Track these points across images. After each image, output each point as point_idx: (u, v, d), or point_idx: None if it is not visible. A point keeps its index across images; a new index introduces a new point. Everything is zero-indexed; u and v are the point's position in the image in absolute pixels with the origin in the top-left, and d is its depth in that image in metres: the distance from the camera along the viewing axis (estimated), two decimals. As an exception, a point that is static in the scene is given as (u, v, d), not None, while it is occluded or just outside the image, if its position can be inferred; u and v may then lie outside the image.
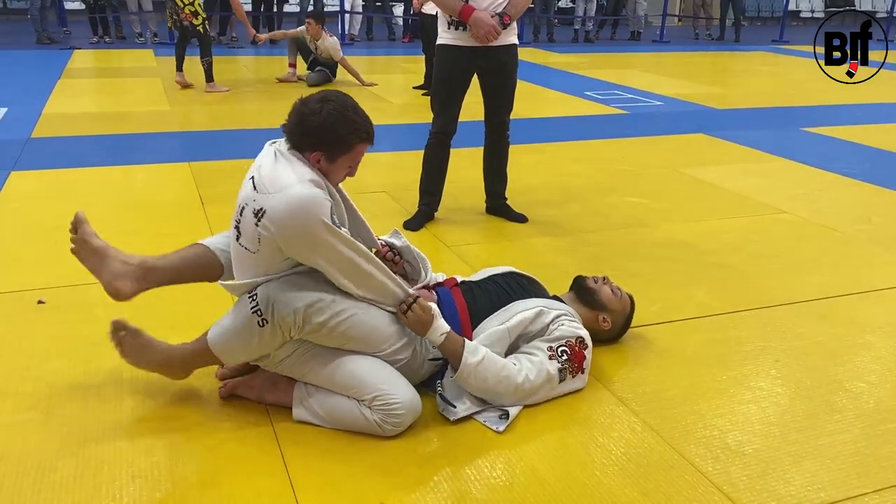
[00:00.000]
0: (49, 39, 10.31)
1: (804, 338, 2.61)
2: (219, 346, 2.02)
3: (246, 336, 1.95)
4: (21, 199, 3.83)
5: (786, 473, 1.89)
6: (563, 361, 2.14)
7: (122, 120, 5.84)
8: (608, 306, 2.41)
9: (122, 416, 2.03)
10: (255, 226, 1.92)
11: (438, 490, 1.79)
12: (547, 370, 2.11)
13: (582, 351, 2.18)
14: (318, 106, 1.97)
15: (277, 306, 1.90)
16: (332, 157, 2.00)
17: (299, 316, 1.91)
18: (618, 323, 2.45)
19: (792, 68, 10.86)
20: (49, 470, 1.81)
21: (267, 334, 1.93)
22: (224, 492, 1.76)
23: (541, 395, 2.12)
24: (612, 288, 2.45)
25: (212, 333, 2.03)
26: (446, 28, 3.42)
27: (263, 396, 2.10)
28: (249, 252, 1.96)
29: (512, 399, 2.08)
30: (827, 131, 6.13)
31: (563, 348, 2.15)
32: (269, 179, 1.94)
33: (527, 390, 2.08)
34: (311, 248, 1.91)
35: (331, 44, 7.56)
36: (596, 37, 13.77)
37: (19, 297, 2.72)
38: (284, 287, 1.93)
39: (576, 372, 2.17)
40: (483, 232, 3.59)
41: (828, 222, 3.83)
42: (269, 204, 1.90)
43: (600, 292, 2.42)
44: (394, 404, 1.93)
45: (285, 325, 1.92)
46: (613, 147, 5.44)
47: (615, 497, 1.78)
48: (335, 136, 1.97)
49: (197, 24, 6.77)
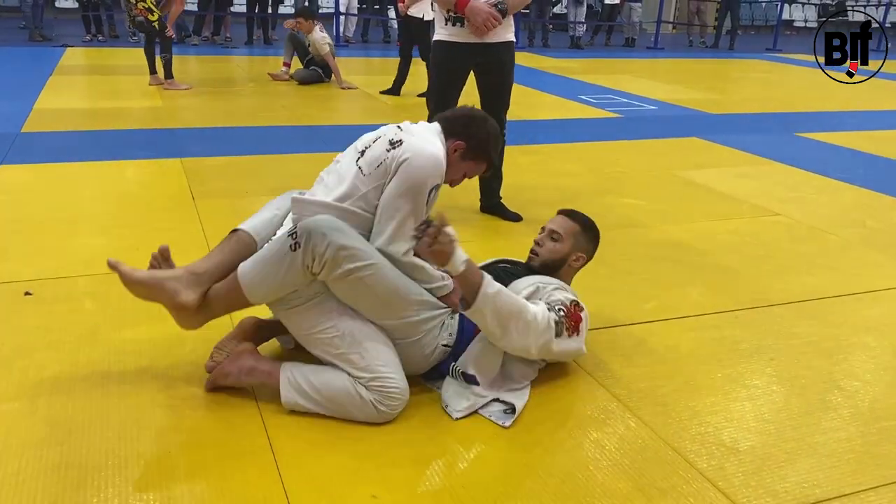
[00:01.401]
0: (42, 37, 10.26)
1: (799, 337, 2.59)
2: (248, 273, 2.01)
3: (276, 261, 1.96)
4: (10, 192, 3.79)
5: (781, 470, 1.87)
6: (560, 316, 2.10)
7: (113, 116, 5.80)
8: (562, 253, 2.36)
9: (109, 407, 2.00)
10: (385, 150, 2.10)
11: (431, 483, 1.77)
12: (548, 317, 2.07)
13: (577, 313, 2.15)
14: (487, 116, 2.35)
15: (314, 235, 1.93)
16: (465, 156, 2.25)
17: (331, 250, 1.92)
18: (582, 245, 2.39)
19: (786, 76, 10.91)
20: (34, 459, 1.77)
21: (297, 260, 1.93)
22: (212, 483, 1.73)
23: (541, 343, 2.06)
24: (549, 236, 2.38)
25: (244, 264, 2.04)
26: (443, 24, 3.41)
27: (241, 380, 2.06)
28: (359, 172, 2.10)
29: (518, 335, 2.01)
30: (821, 137, 6.14)
31: (559, 307, 2.13)
32: (419, 131, 2.20)
33: (533, 330, 2.03)
34: (402, 191, 2.07)
35: (318, 38, 7.50)
36: (590, 43, 13.81)
37: (6, 288, 2.68)
38: (328, 224, 1.97)
39: (572, 332, 2.12)
40: (478, 230, 3.57)
41: (822, 225, 3.83)
42: (410, 142, 2.11)
43: (548, 254, 2.36)
44: (392, 388, 1.94)
45: (316, 254, 1.92)
46: (608, 149, 5.44)
47: (609, 491, 1.76)
48: (483, 143, 2.27)
49: (153, 20, 6.70)
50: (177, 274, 2.07)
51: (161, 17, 6.74)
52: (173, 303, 2.03)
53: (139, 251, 3.05)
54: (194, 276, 2.07)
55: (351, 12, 12.28)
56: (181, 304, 2.03)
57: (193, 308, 2.04)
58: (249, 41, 11.37)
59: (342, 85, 7.52)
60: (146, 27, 6.75)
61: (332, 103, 7.08)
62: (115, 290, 2.68)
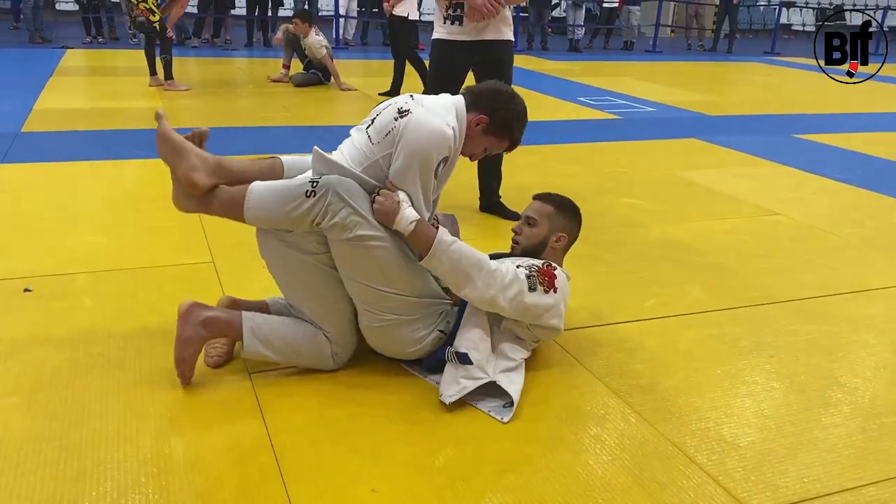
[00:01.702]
0: (42, 39, 10.26)
1: (799, 335, 2.59)
2: (257, 192, 2.05)
3: (287, 198, 2.00)
4: (10, 190, 3.79)
5: (781, 465, 1.87)
6: (531, 271, 2.12)
7: (113, 116, 5.80)
8: (540, 236, 2.34)
9: (107, 403, 1.99)
10: (393, 119, 2.10)
11: (430, 478, 1.76)
12: (514, 270, 2.09)
13: (550, 270, 2.16)
14: (515, 94, 2.32)
15: (332, 194, 1.97)
16: (487, 131, 2.24)
17: (345, 213, 1.97)
18: (559, 224, 2.36)
19: (784, 78, 10.93)
20: (32, 453, 1.77)
21: (306, 207, 1.98)
22: (210, 475, 1.72)
23: (511, 295, 2.06)
24: (526, 222, 2.38)
25: (259, 182, 2.09)
26: (441, 23, 3.41)
27: (202, 335, 2.08)
28: (369, 141, 2.11)
29: (483, 284, 2.04)
30: (819, 138, 6.15)
31: (529, 266, 2.15)
32: (430, 101, 2.18)
33: (498, 280, 2.05)
34: (406, 164, 2.06)
35: (314, 41, 7.49)
36: (589, 46, 13.83)
37: (6, 284, 2.67)
38: (350, 187, 2.01)
39: (548, 287, 2.12)
40: (477, 229, 3.57)
41: (821, 225, 3.83)
42: (417, 113, 2.10)
43: (526, 240, 2.36)
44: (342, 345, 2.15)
45: (329, 211, 1.97)
46: (607, 150, 5.44)
47: (609, 485, 1.76)
48: (507, 120, 2.25)
49: (154, 21, 6.71)
50: (204, 155, 2.13)
51: (162, 19, 6.74)
52: (187, 176, 2.08)
53: (140, 250, 3.06)
54: (218, 165, 2.14)
55: (350, 15, 12.30)
56: (193, 180, 2.08)
57: (202, 190, 2.09)
58: (249, 43, 11.38)
59: (342, 87, 7.52)
60: (147, 28, 6.75)
61: (331, 104, 7.08)
62: (113, 288, 2.70)
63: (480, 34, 3.38)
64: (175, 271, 2.87)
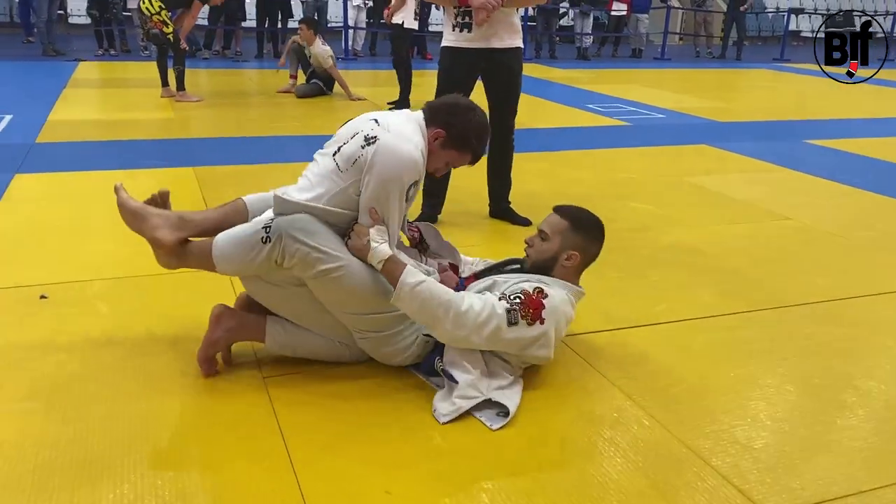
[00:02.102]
0: (55, 52, 10.37)
1: (812, 338, 2.59)
2: (220, 247, 2.12)
3: (247, 247, 2.06)
4: (25, 200, 3.83)
5: (796, 467, 1.86)
6: (512, 303, 2.03)
7: (126, 127, 5.85)
8: (550, 252, 2.25)
9: (123, 406, 2.01)
10: (360, 147, 2.11)
11: (444, 481, 1.76)
12: (493, 305, 2.02)
13: (539, 299, 2.06)
14: (474, 106, 2.30)
15: (285, 236, 2.01)
16: (445, 145, 2.23)
17: (301, 252, 2.01)
18: (572, 242, 2.25)
19: (794, 84, 10.90)
20: (50, 457, 1.78)
21: (265, 253, 2.03)
22: (226, 480, 1.73)
23: (487, 333, 2.00)
24: (539, 235, 2.29)
25: (220, 234, 2.15)
26: (450, 30, 3.43)
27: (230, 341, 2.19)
28: (336, 169, 2.13)
29: (452, 326, 1.98)
30: (830, 144, 6.13)
31: (516, 295, 2.06)
32: (395, 125, 2.17)
33: (470, 320, 1.98)
34: (380, 190, 2.08)
35: (321, 51, 7.53)
36: (597, 54, 13.85)
37: (22, 292, 2.70)
38: (301, 225, 2.04)
39: (532, 320, 2.03)
40: (486, 234, 3.58)
41: (832, 229, 3.82)
42: (385, 139, 2.10)
43: (536, 254, 2.27)
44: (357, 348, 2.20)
45: (286, 254, 2.01)
46: (616, 156, 5.45)
47: (623, 488, 1.75)
48: (464, 133, 2.23)
49: (167, 33, 6.77)
50: (165, 213, 2.22)
51: (175, 30, 6.81)
52: (151, 236, 2.17)
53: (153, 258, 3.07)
54: (180, 220, 2.21)
55: (359, 26, 12.37)
56: (157, 239, 2.16)
57: (168, 247, 2.17)
58: (259, 55, 11.47)
59: (352, 97, 7.55)
60: (161, 39, 6.82)
61: (340, 114, 7.10)
62: (127, 294, 2.73)
63: (489, 42, 3.39)
64: (187, 278, 2.87)
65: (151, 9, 6.61)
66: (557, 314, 2.11)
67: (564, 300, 2.18)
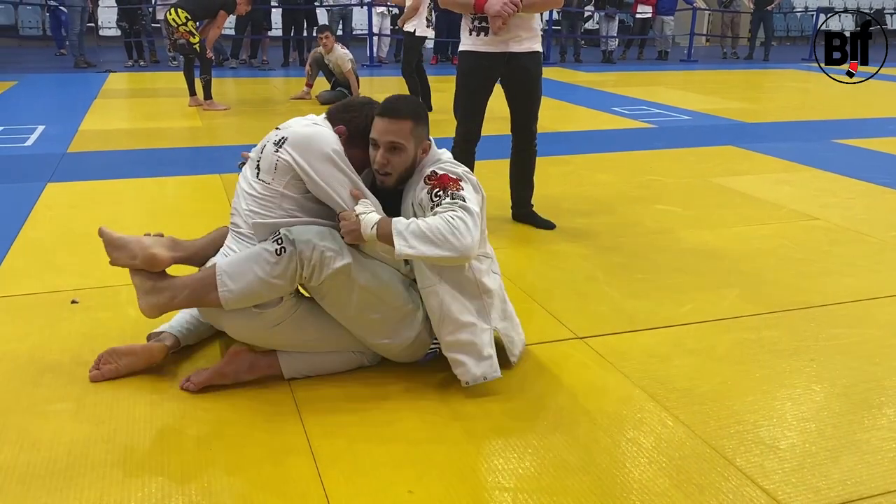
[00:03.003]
0: (87, 63, 10.58)
1: (840, 338, 2.55)
2: (225, 268, 2.03)
3: (259, 261, 2.00)
4: (57, 207, 3.92)
5: (822, 467, 1.84)
6: (441, 197, 2.04)
7: (155, 136, 5.96)
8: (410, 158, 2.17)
9: (152, 408, 2.05)
10: (274, 153, 2.11)
11: (467, 480, 1.77)
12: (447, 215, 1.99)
13: (437, 176, 2.09)
14: (370, 101, 2.29)
15: (299, 241, 2.00)
16: (349, 142, 2.18)
17: (317, 252, 1.99)
18: (422, 134, 2.20)
19: (822, 84, 10.74)
20: (81, 456, 1.82)
21: (281, 265, 1.98)
22: (251, 479, 1.76)
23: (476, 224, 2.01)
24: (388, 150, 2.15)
25: (222, 260, 2.09)
26: (468, 34, 3.44)
27: (238, 378, 2.15)
28: (265, 184, 2.11)
29: (456, 240, 1.95)
30: (859, 143, 6.04)
31: (432, 193, 2.06)
32: (296, 122, 2.23)
33: (462, 225, 1.97)
34: (319, 168, 2.07)
35: (339, 55, 7.57)
36: (622, 57, 13.80)
37: (55, 297, 2.76)
38: (307, 229, 2.04)
39: (456, 186, 2.05)
40: (510, 238, 3.58)
41: (862, 228, 3.76)
42: (290, 131, 2.15)
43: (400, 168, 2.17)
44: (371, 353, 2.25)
45: (301, 259, 1.99)
46: (641, 158, 5.42)
47: (646, 488, 1.75)
48: (360, 127, 2.20)
49: (194, 43, 6.88)
50: (154, 236, 2.23)
51: (201, 40, 6.92)
52: (147, 255, 2.12)
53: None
54: (171, 241, 2.23)
55: (384, 33, 12.45)
56: (154, 256, 2.13)
57: (166, 262, 2.14)
58: (286, 63, 11.60)
59: None
60: (187, 49, 6.93)
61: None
62: (157, 298, 2.77)
63: (507, 45, 3.40)
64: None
65: (178, 20, 6.72)
66: (457, 169, 2.15)
67: (443, 158, 2.21)
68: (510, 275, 3.07)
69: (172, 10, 6.76)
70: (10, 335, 2.46)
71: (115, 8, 11.70)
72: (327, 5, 12.27)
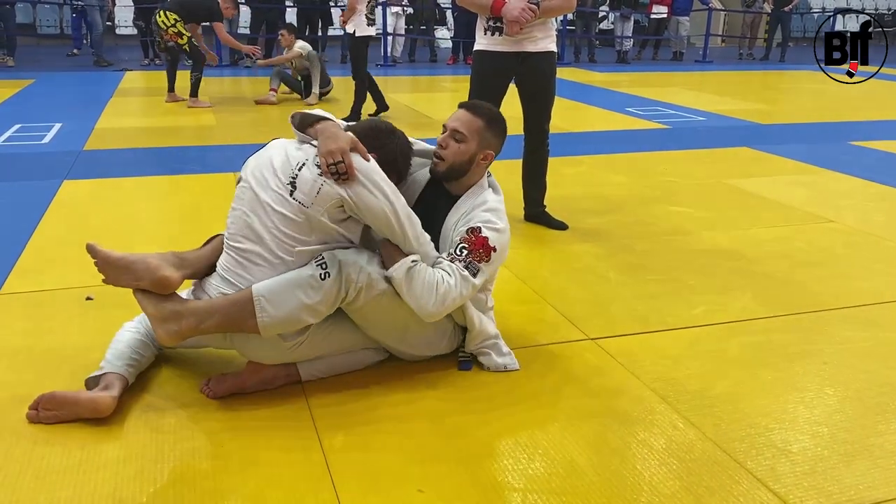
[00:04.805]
0: (106, 63, 10.66)
1: (853, 342, 2.53)
2: (263, 293, 1.92)
3: (303, 286, 1.93)
4: (73, 204, 3.95)
5: (835, 471, 1.83)
6: (465, 260, 2.10)
7: (170, 134, 6.00)
8: (469, 154, 2.24)
9: (164, 405, 2.06)
10: (318, 175, 1.99)
11: (475, 479, 1.78)
12: (456, 274, 2.07)
13: (479, 237, 2.13)
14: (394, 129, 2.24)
15: (346, 265, 1.97)
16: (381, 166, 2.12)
17: (364, 275, 1.98)
18: (488, 141, 2.28)
19: (840, 86, 10.62)
20: (94, 452, 1.84)
21: (324, 290, 1.94)
22: (262, 475, 1.77)
23: (467, 293, 2.11)
24: (452, 136, 2.25)
25: (260, 284, 1.95)
26: (483, 34, 3.45)
27: (258, 388, 2.13)
28: (302, 206, 1.99)
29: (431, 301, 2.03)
30: (876, 145, 5.99)
31: (460, 247, 2.13)
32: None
33: (443, 293, 2.04)
34: (381, 199, 2.01)
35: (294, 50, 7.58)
36: (637, 57, 13.74)
37: (70, 293, 2.79)
38: (349, 252, 2.02)
39: (487, 255, 2.12)
40: (523, 238, 3.57)
41: (877, 232, 3.73)
42: None
43: (453, 156, 2.24)
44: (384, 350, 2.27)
45: (348, 281, 1.97)
46: (655, 159, 5.40)
47: (656, 490, 1.75)
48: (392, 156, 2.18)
49: (182, 44, 6.96)
50: (158, 253, 2.06)
51: (190, 38, 6.98)
52: (156, 278, 1.96)
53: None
54: (175, 257, 2.08)
55: (398, 33, 12.47)
56: (165, 278, 1.97)
57: (177, 283, 2.00)
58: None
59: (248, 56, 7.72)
60: (177, 50, 7.08)
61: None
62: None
63: (522, 45, 3.40)
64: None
65: (167, 22, 6.84)
66: (501, 238, 2.18)
67: (499, 210, 2.23)
68: (522, 275, 3.07)
69: (161, 13, 6.90)
70: (26, 330, 2.49)
71: (131, 7, 11.78)
72: (342, 5, 12.29)
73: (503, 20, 3.31)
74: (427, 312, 2.06)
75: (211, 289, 2.06)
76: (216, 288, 2.04)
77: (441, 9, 13.96)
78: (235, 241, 2.06)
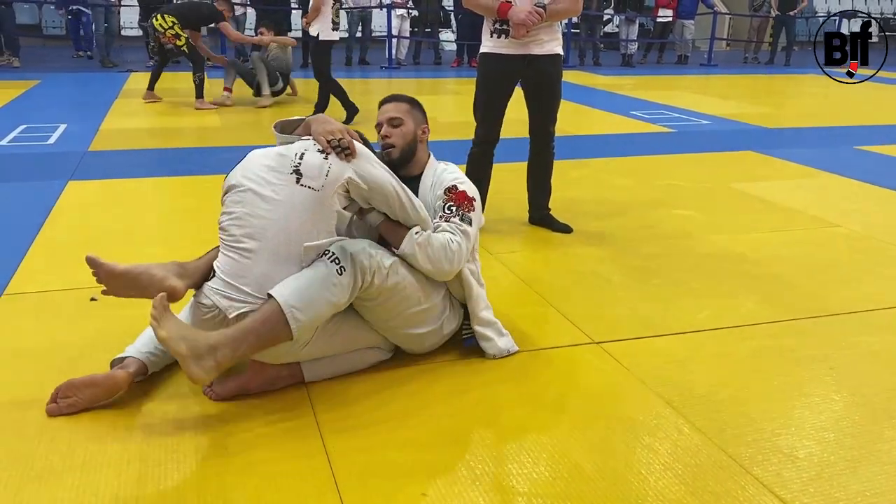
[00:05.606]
0: (112, 64, 10.69)
1: (860, 346, 2.52)
2: (288, 296, 1.90)
3: (326, 286, 1.94)
4: (78, 205, 3.96)
5: (841, 478, 1.82)
6: (456, 213, 2.26)
7: (174, 135, 6.01)
8: (411, 132, 2.42)
9: (167, 407, 2.06)
10: (323, 159, 2.08)
11: (480, 483, 1.77)
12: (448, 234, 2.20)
13: (458, 191, 2.29)
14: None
15: (356, 254, 2.01)
16: None
17: (374, 260, 2.03)
18: (419, 117, 2.46)
19: (844, 89, 10.61)
20: (97, 453, 1.84)
21: (345, 283, 1.98)
22: (266, 477, 1.77)
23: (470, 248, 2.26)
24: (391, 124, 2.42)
25: (282, 292, 1.91)
26: (489, 36, 3.45)
27: (262, 389, 2.13)
28: (312, 191, 2.04)
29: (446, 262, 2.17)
30: (882, 149, 5.97)
31: (448, 205, 2.27)
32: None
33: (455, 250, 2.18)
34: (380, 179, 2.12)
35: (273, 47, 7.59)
36: (642, 61, 13.73)
37: (74, 294, 2.79)
38: (352, 242, 2.06)
39: (471, 206, 2.29)
40: (527, 241, 3.57)
41: (883, 236, 3.72)
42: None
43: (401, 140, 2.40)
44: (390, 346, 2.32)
45: (363, 270, 2.01)
46: (660, 163, 5.39)
47: (661, 495, 1.74)
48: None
49: (181, 45, 6.98)
50: (160, 264, 2.06)
51: (187, 40, 7.00)
52: (164, 287, 1.96)
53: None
54: (177, 266, 2.08)
55: (403, 35, 12.48)
56: (172, 288, 1.98)
57: (182, 293, 2.02)
58: (304, 64, 11.62)
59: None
60: (175, 53, 7.10)
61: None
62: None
63: (528, 48, 3.39)
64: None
65: (165, 24, 6.85)
66: (474, 190, 2.35)
67: (457, 171, 2.40)
68: (526, 278, 3.06)
69: (159, 16, 6.95)
70: (30, 331, 2.49)
71: (136, 8, 11.80)
72: (347, 7, 12.30)
73: (509, 23, 3.31)
74: (444, 272, 2.19)
75: (212, 294, 2.02)
76: (218, 292, 2.01)
77: (445, 11, 13.96)
78: (239, 243, 2.04)
